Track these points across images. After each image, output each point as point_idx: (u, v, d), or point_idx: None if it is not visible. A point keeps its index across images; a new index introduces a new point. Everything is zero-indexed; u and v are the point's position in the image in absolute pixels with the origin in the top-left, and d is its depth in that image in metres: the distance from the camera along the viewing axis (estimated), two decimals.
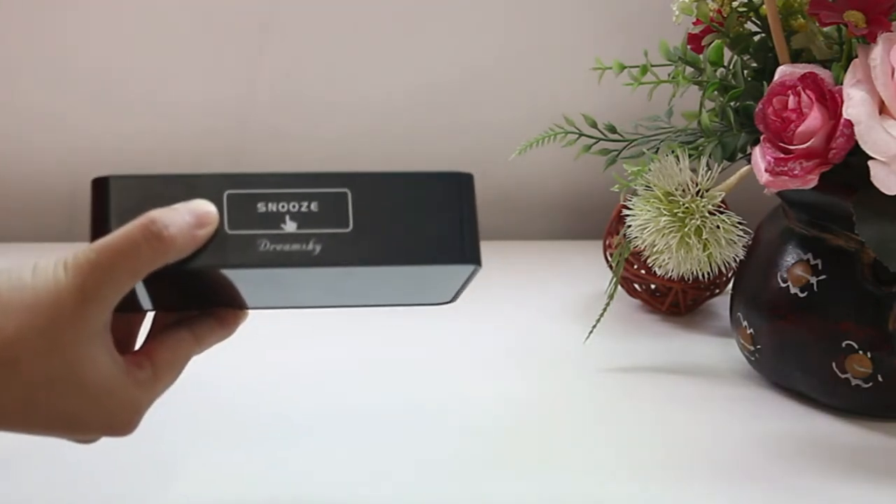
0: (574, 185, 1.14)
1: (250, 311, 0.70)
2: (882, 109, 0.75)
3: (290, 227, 0.65)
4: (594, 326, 0.89)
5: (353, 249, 0.65)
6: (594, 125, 0.87)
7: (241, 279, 0.66)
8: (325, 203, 0.65)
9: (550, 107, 0.93)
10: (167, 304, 0.68)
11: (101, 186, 0.65)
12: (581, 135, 0.87)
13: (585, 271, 1.04)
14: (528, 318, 0.97)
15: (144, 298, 0.67)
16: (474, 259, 0.66)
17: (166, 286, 0.66)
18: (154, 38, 1.11)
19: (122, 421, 0.65)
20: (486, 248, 0.82)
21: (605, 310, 0.88)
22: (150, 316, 0.69)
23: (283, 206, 0.65)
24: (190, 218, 0.63)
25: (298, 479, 0.75)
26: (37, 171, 1.13)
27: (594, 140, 0.86)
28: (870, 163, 0.74)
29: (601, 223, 1.02)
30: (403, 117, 1.13)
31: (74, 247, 0.63)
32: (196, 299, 0.69)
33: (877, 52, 0.74)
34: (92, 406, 0.64)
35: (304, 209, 0.65)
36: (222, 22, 1.10)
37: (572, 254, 1.11)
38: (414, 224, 0.65)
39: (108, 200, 0.64)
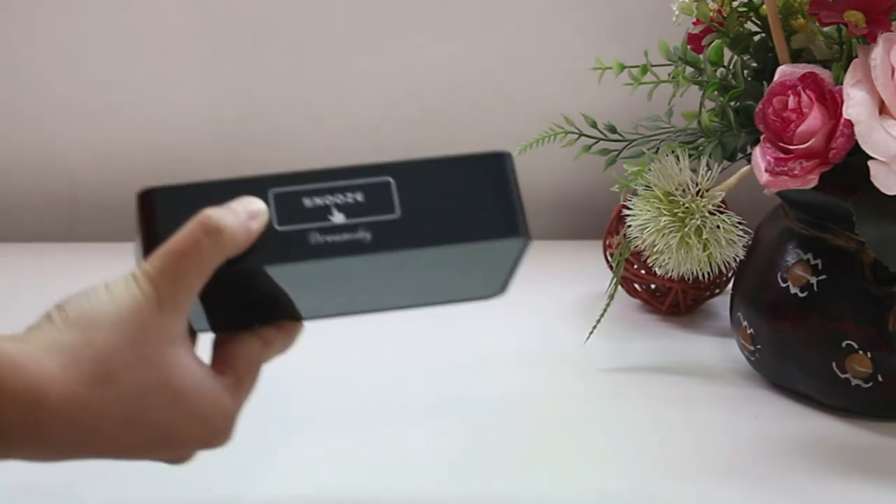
0: (574, 185, 1.14)
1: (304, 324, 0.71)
2: (882, 109, 0.75)
3: (338, 218, 0.65)
4: (594, 326, 0.89)
5: (402, 234, 0.65)
6: (594, 125, 0.87)
7: (296, 279, 0.67)
8: (369, 193, 0.66)
9: (550, 107, 0.93)
10: (222, 322, 0.69)
11: (147, 199, 0.66)
12: (581, 135, 0.87)
13: (585, 271, 1.04)
14: (528, 318, 0.97)
15: (199, 319, 0.68)
16: (524, 232, 0.67)
17: (221, 301, 0.67)
18: (154, 42, 1.11)
19: (217, 428, 0.66)
20: None
21: (605, 310, 0.88)
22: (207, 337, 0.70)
23: (328, 200, 0.66)
24: (242, 212, 0.65)
25: (300, 478, 0.75)
26: (37, 171, 1.13)
27: (594, 140, 0.86)
28: (870, 163, 0.74)
29: (601, 223, 1.02)
30: (403, 118, 1.13)
31: (74, 247, 0.63)
32: (250, 313, 0.70)
33: (877, 52, 0.74)
34: (188, 415, 0.65)
35: (349, 200, 0.66)
36: (222, 26, 1.10)
37: (572, 254, 1.10)
38: (460, 204, 0.66)
39: (156, 212, 0.66)
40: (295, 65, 1.12)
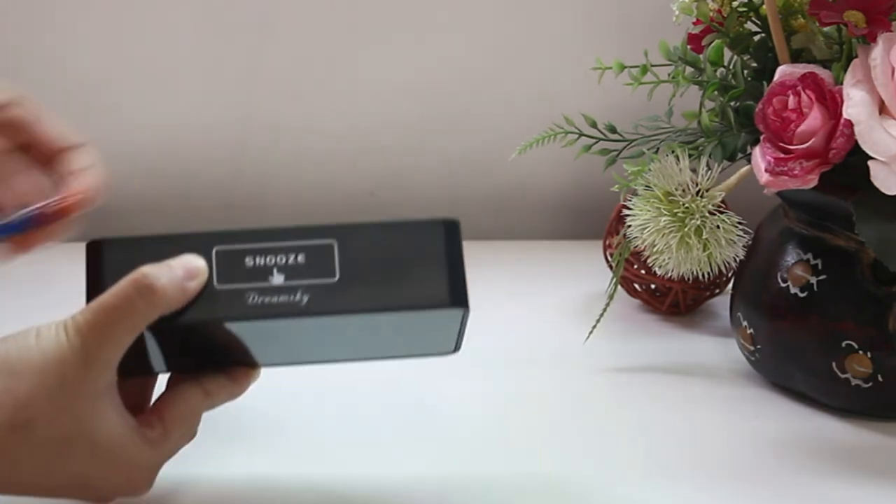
0: (574, 185, 1.14)
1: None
2: (882, 109, 0.75)
3: (277, 279, 0.66)
4: (594, 326, 0.89)
5: (339, 298, 0.66)
6: (594, 125, 0.87)
7: (236, 333, 0.67)
8: (311, 254, 0.66)
9: (550, 107, 0.93)
10: (180, 365, 0.70)
11: (95, 249, 0.67)
12: (581, 135, 0.87)
13: (585, 271, 1.04)
14: (528, 318, 0.97)
15: (157, 360, 0.69)
16: (461, 302, 0.66)
17: (174, 346, 0.68)
18: (154, 41, 1.11)
19: (134, 480, 0.67)
20: (487, 248, 0.83)
21: (605, 310, 0.88)
22: (164, 377, 0.70)
23: (270, 260, 0.66)
24: (180, 271, 0.65)
25: (292, 481, 0.75)
26: None
27: (594, 140, 0.86)
28: (870, 163, 0.74)
29: (601, 223, 1.02)
30: (403, 117, 1.13)
31: (67, 248, 0.63)
32: (206, 358, 0.70)
33: (877, 52, 0.74)
34: (104, 466, 0.65)
35: (290, 261, 0.66)
36: (222, 27, 1.10)
37: (572, 254, 1.10)
38: (400, 271, 0.66)
39: (103, 262, 0.67)
40: (295, 65, 1.12)
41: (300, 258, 0.67)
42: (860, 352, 0.80)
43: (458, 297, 0.66)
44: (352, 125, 1.13)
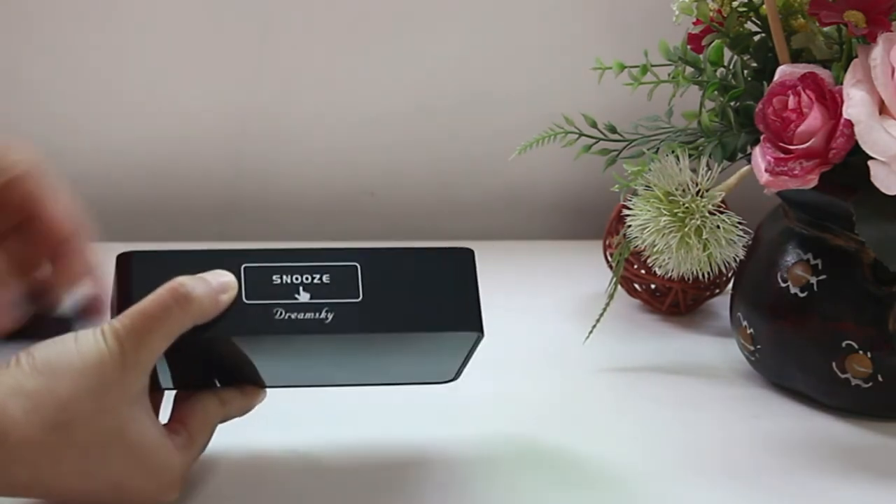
0: (574, 185, 1.14)
1: (268, 391, 0.74)
2: (882, 109, 0.75)
3: (303, 297, 0.69)
4: (594, 326, 0.89)
5: (363, 318, 0.69)
6: (594, 125, 0.87)
7: (258, 349, 0.70)
8: (336, 275, 0.70)
9: (550, 107, 0.93)
10: (187, 381, 0.72)
11: (125, 262, 0.70)
12: (581, 135, 0.87)
13: (585, 271, 1.04)
14: (527, 317, 0.97)
15: (165, 377, 0.71)
16: (478, 327, 0.71)
17: (188, 362, 0.70)
18: (156, 38, 1.11)
19: (164, 485, 0.69)
20: (487, 248, 0.83)
21: (605, 310, 0.88)
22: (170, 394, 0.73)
23: (296, 279, 0.69)
24: (214, 283, 0.68)
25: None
26: None
27: (594, 140, 0.86)
28: (870, 163, 0.74)
29: (601, 223, 1.02)
30: (403, 117, 1.13)
31: None
32: (214, 376, 0.73)
33: (877, 52, 0.74)
34: (139, 470, 0.67)
35: (316, 281, 0.69)
36: (223, 22, 1.10)
37: (572, 254, 1.10)
38: (421, 295, 0.70)
39: (132, 274, 0.69)
40: (296, 64, 1.12)
41: (325, 278, 0.70)
42: (860, 352, 0.80)
43: (475, 322, 0.71)
44: (352, 125, 1.13)
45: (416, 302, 0.70)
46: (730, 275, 0.95)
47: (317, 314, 0.69)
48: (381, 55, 1.12)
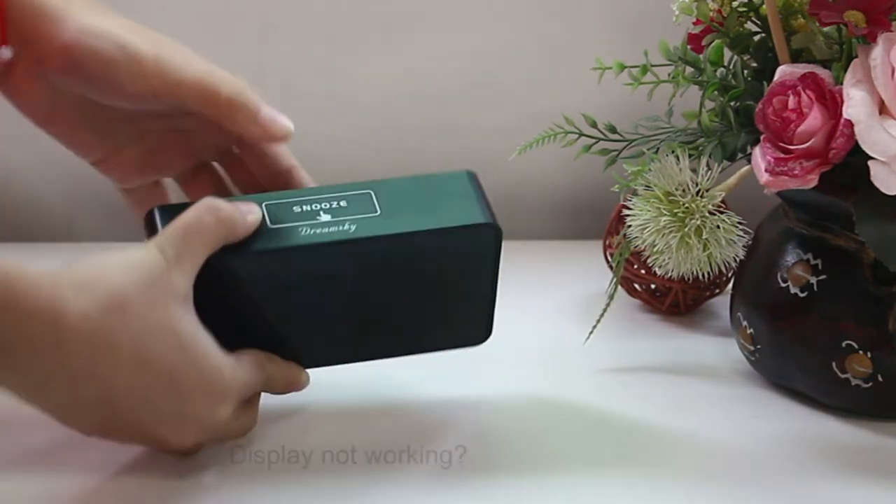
0: (574, 185, 1.14)
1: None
2: (882, 109, 0.75)
3: (324, 217, 0.75)
4: (594, 326, 0.89)
5: (384, 224, 0.75)
6: (594, 125, 0.87)
7: (287, 279, 0.74)
8: (352, 200, 0.75)
9: (550, 107, 0.93)
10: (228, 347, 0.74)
11: (151, 214, 0.75)
12: (581, 135, 0.87)
13: (585, 271, 1.04)
14: (527, 317, 0.97)
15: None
16: (493, 223, 0.76)
17: (224, 322, 0.72)
18: None
19: (219, 392, 0.71)
20: None
21: (605, 310, 0.88)
22: None
23: (315, 206, 0.75)
24: (240, 205, 0.73)
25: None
26: (37, 170, 1.13)
27: (594, 140, 0.86)
28: (870, 163, 0.74)
29: (601, 223, 1.02)
30: (403, 117, 1.13)
31: (75, 247, 0.64)
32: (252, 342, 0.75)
33: (877, 52, 0.74)
34: (192, 365, 0.70)
35: (335, 205, 0.75)
36: (221, 26, 1.10)
37: (572, 254, 1.10)
38: (435, 204, 0.76)
39: (156, 225, 0.74)
40: (295, 64, 1.12)
41: (342, 203, 0.75)
42: (860, 352, 0.80)
43: (490, 219, 0.76)
44: (351, 126, 1.13)
45: (432, 209, 0.76)
46: (730, 275, 0.95)
47: (340, 227, 0.74)
48: (380, 55, 1.12)
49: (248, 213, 0.73)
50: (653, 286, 0.98)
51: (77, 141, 0.81)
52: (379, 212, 0.75)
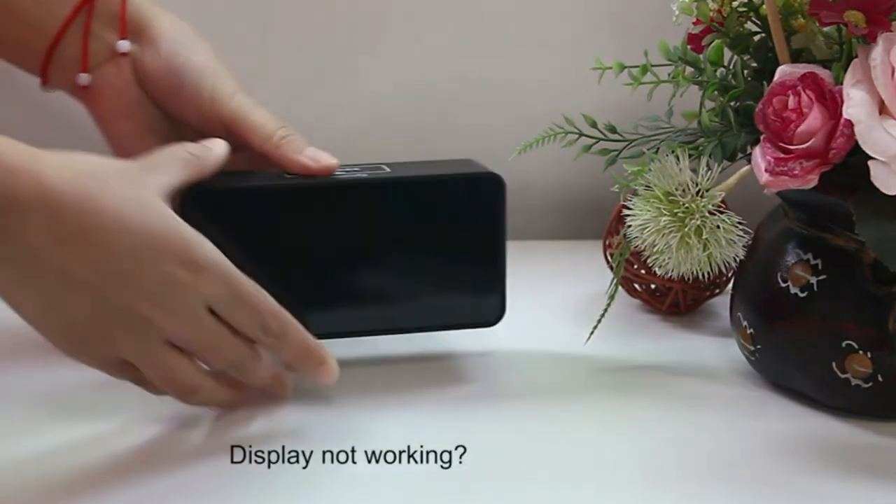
0: (574, 185, 1.14)
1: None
2: (882, 109, 0.75)
3: (340, 173, 0.82)
4: (595, 327, 0.89)
5: (393, 174, 0.82)
6: (594, 125, 0.87)
7: (302, 215, 0.80)
8: (365, 168, 0.83)
9: (550, 107, 0.93)
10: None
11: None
12: (581, 135, 0.87)
13: (585, 271, 1.04)
14: (527, 317, 0.97)
15: None
16: (496, 176, 0.83)
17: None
18: None
19: (199, 265, 0.72)
20: None
21: (605, 310, 0.88)
22: None
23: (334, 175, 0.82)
24: (205, 140, 0.79)
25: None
26: None
27: (594, 140, 0.86)
28: (870, 163, 0.74)
29: (601, 223, 1.02)
30: (403, 117, 1.13)
31: None
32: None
33: (877, 52, 0.74)
34: (176, 235, 0.72)
35: (349, 170, 0.82)
36: (221, 25, 1.10)
37: (572, 254, 1.11)
38: (440, 166, 0.83)
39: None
40: (295, 63, 1.12)
41: (356, 170, 0.82)
42: (860, 352, 0.80)
43: (493, 173, 0.83)
44: (351, 126, 1.13)
45: (437, 170, 0.83)
46: (730, 275, 0.95)
47: (351, 175, 0.81)
48: (380, 55, 1.12)
49: (214, 145, 0.78)
50: (653, 286, 0.98)
51: (140, 143, 0.85)
52: (389, 170, 0.82)
